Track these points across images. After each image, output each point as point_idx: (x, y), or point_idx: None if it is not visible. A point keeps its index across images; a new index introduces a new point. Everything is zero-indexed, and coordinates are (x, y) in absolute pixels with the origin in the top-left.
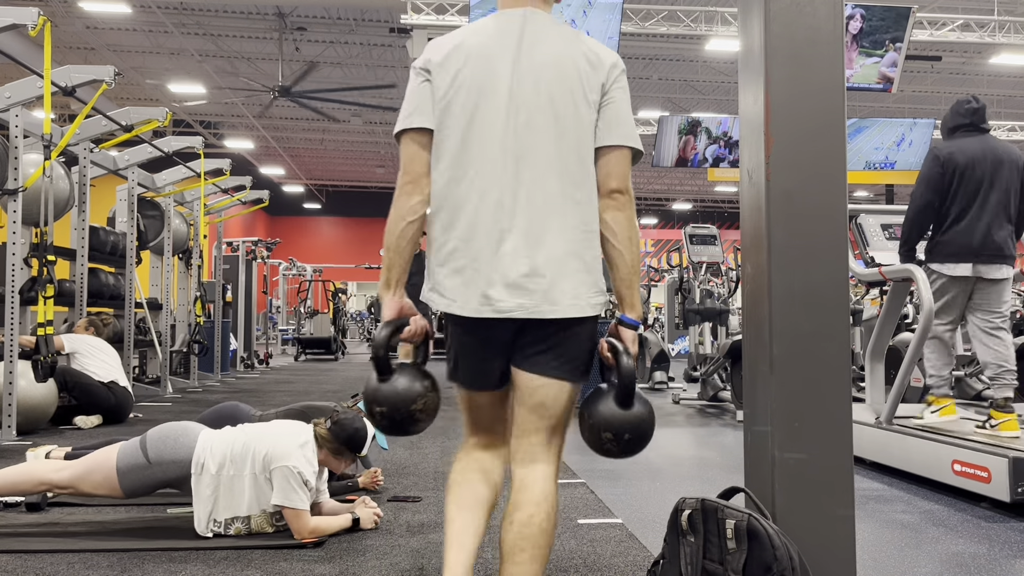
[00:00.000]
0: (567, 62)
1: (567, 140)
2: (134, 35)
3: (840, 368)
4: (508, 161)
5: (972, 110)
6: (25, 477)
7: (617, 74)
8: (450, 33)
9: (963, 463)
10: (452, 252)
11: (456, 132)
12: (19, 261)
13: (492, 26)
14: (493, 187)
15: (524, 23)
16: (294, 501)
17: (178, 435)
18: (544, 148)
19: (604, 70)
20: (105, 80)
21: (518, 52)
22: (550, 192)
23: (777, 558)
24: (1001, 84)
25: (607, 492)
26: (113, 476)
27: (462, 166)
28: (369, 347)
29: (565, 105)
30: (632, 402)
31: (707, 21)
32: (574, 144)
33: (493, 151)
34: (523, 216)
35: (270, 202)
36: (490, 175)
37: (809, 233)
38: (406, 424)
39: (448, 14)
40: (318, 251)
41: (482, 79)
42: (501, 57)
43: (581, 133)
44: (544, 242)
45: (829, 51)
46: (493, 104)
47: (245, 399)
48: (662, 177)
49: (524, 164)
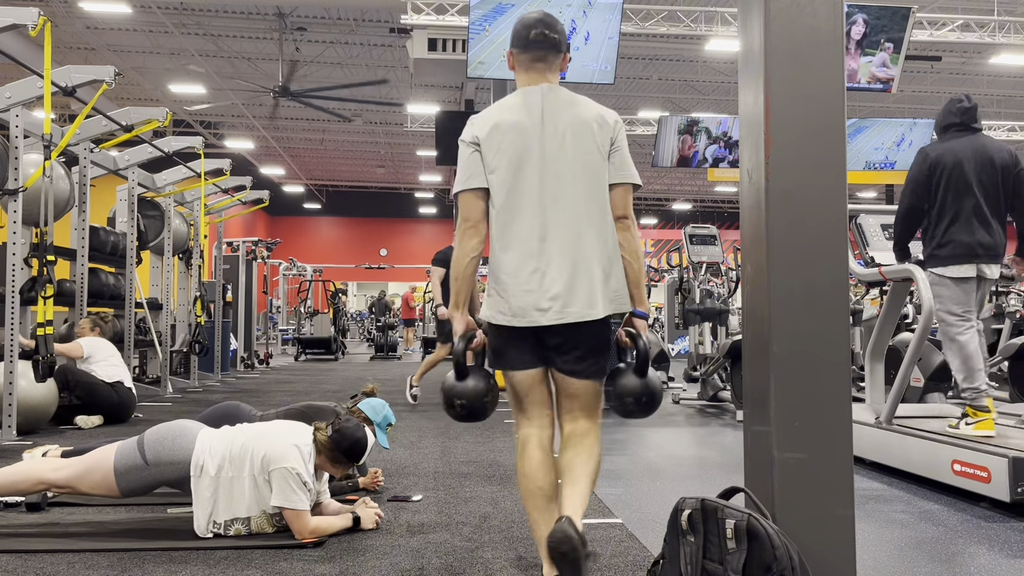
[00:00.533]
0: (583, 126)
1: (587, 184)
2: (134, 35)
3: (840, 368)
4: (544, 208)
5: (963, 109)
6: (23, 476)
7: (620, 128)
8: (486, 111)
9: (963, 463)
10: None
11: (503, 189)
12: (19, 261)
13: (520, 103)
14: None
15: (543, 98)
16: (294, 502)
17: (175, 436)
18: (571, 192)
19: (611, 128)
20: (105, 80)
21: (542, 122)
22: (579, 227)
23: (777, 558)
24: (1001, 84)
25: (607, 492)
26: (111, 476)
27: (509, 213)
28: (449, 355)
29: (585, 158)
30: (647, 372)
31: (707, 21)
32: (593, 186)
33: (532, 201)
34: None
35: (270, 202)
36: (530, 222)
37: (809, 233)
38: (479, 413)
39: (448, 14)
40: (318, 251)
41: (520, 148)
42: (531, 130)
43: (599, 179)
44: (567, 269)
45: (829, 51)
46: (529, 167)
47: (245, 399)
48: (662, 177)
49: (555, 207)
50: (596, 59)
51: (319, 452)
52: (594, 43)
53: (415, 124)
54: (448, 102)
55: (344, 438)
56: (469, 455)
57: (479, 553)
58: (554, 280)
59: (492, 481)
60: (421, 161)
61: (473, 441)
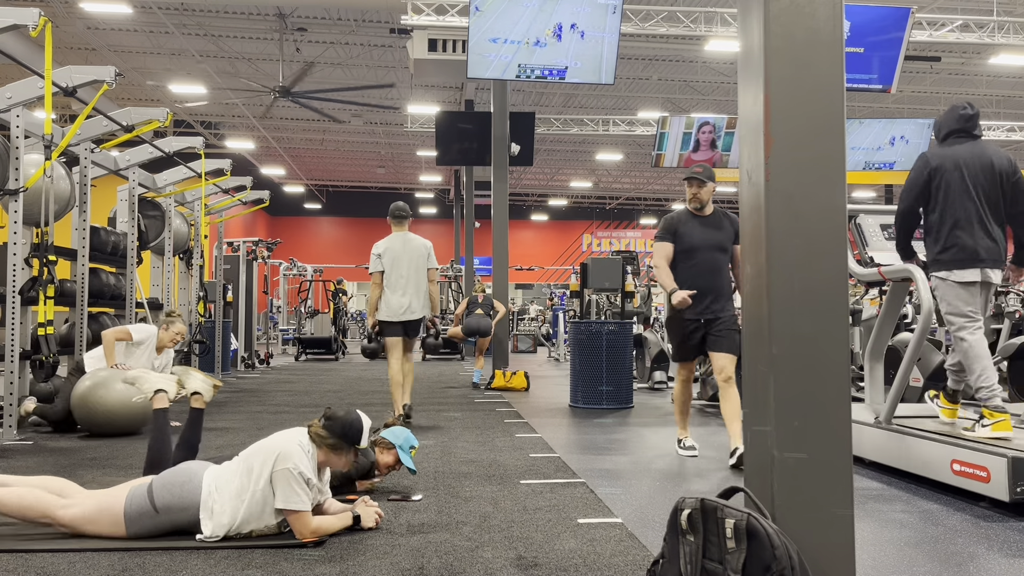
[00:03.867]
0: (419, 247)
1: (419, 271)
2: (135, 36)
3: (839, 368)
4: (408, 285)
5: (967, 116)
6: (33, 506)
7: (430, 247)
8: (383, 240)
9: (962, 463)
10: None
11: (388, 274)
12: (20, 261)
13: (396, 237)
14: (404, 297)
15: (404, 235)
16: (295, 503)
17: (183, 482)
18: (417, 277)
19: (427, 248)
20: (106, 81)
21: (403, 245)
22: (416, 285)
23: (776, 557)
24: (1000, 84)
25: (607, 492)
26: (120, 522)
27: (391, 287)
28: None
29: (418, 261)
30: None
31: (707, 22)
32: (421, 271)
33: (402, 282)
34: (409, 292)
35: (270, 202)
36: (402, 292)
37: (809, 233)
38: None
39: (448, 15)
40: (318, 251)
41: (396, 256)
42: (400, 249)
43: (423, 269)
44: (410, 298)
45: (829, 51)
46: (399, 264)
47: (246, 398)
48: (662, 177)
49: (411, 285)
50: (596, 60)
51: (319, 447)
52: (593, 43)
53: (415, 124)
54: (448, 102)
55: (335, 422)
56: (469, 455)
57: (479, 553)
58: (407, 303)
59: (492, 481)
60: (421, 161)
61: (473, 441)
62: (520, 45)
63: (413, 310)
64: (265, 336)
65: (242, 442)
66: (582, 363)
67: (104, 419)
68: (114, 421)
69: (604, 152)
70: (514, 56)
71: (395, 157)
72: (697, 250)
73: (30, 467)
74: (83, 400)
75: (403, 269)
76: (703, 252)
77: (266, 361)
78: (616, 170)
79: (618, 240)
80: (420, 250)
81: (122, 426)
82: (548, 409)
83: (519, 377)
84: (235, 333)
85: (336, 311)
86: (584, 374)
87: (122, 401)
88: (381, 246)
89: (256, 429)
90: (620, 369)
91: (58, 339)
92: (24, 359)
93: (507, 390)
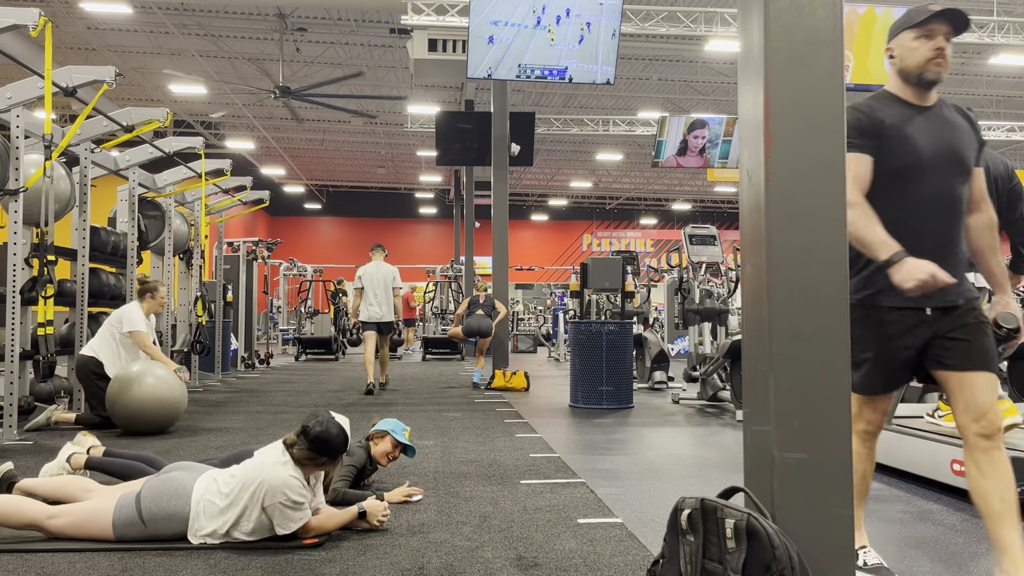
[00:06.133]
0: (387, 272)
1: (387, 290)
2: (135, 36)
3: (840, 368)
4: (379, 298)
5: None
6: (16, 513)
7: (396, 271)
8: (364, 266)
9: (962, 463)
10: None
11: (366, 290)
12: (20, 261)
13: (372, 264)
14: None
15: (378, 264)
16: (296, 525)
17: (171, 495)
18: (386, 292)
19: (393, 272)
20: (106, 81)
21: (376, 269)
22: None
23: (776, 557)
24: (1000, 84)
25: (607, 492)
26: (108, 531)
27: (367, 299)
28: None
29: (385, 282)
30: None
31: (707, 22)
32: (388, 290)
33: (375, 296)
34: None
35: (271, 202)
36: (376, 304)
37: (809, 233)
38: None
39: (448, 15)
40: (318, 251)
41: (371, 277)
42: (374, 272)
43: (390, 288)
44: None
45: (829, 51)
46: (373, 282)
47: (246, 398)
48: (662, 177)
49: (382, 298)
50: (596, 60)
51: (304, 466)
52: (592, 43)
53: (415, 124)
54: (448, 102)
55: (316, 443)
56: (469, 455)
57: (479, 553)
58: (377, 311)
59: (492, 481)
60: (421, 161)
61: (473, 441)
62: (520, 28)
63: (383, 315)
64: (265, 336)
65: (242, 442)
66: (582, 363)
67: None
68: (145, 417)
69: (604, 152)
70: (514, 39)
71: (395, 157)
72: (925, 171)
73: (30, 467)
74: (118, 398)
75: (376, 287)
76: (935, 175)
77: (266, 361)
78: (616, 170)
79: (618, 240)
80: (388, 274)
81: (152, 423)
82: (548, 409)
83: (519, 377)
84: (235, 333)
85: (336, 311)
86: (584, 374)
87: (156, 397)
88: (362, 270)
89: (256, 429)
90: (620, 369)
91: (58, 339)
92: (24, 359)
93: (507, 390)
